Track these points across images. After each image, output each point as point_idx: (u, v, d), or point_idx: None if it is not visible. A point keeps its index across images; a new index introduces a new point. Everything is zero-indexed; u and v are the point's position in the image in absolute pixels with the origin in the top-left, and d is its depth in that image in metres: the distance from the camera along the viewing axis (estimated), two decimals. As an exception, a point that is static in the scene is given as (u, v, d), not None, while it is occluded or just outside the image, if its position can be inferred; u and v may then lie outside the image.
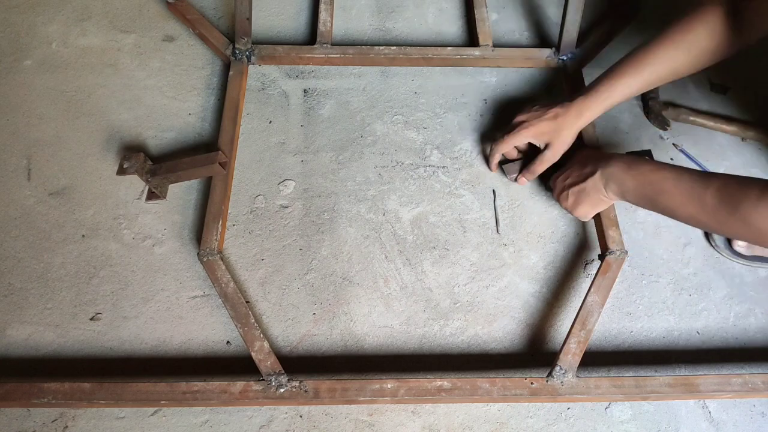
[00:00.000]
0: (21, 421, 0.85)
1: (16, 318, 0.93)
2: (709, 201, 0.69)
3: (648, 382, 0.82)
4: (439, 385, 0.81)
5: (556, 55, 1.15)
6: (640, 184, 0.80)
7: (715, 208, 0.69)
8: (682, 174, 0.75)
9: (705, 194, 0.70)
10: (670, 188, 0.75)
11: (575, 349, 0.83)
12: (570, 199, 0.92)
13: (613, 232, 0.93)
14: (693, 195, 0.72)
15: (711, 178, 0.72)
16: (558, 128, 0.93)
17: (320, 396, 0.81)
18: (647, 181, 0.78)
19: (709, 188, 0.70)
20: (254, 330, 0.85)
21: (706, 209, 0.70)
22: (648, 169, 0.79)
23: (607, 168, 0.85)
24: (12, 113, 1.12)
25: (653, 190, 0.77)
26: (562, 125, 0.92)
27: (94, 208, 1.02)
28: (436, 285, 0.96)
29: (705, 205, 0.70)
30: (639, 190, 0.80)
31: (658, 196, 0.77)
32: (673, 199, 0.74)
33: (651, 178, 0.78)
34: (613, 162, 0.85)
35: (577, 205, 0.92)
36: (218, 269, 0.91)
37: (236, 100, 1.08)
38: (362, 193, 1.04)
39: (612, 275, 0.89)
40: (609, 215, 0.94)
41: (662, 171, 0.77)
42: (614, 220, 0.94)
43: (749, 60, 1.21)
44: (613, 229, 0.93)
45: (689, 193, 0.72)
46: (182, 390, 0.81)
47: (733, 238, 0.71)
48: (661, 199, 0.76)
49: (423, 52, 1.15)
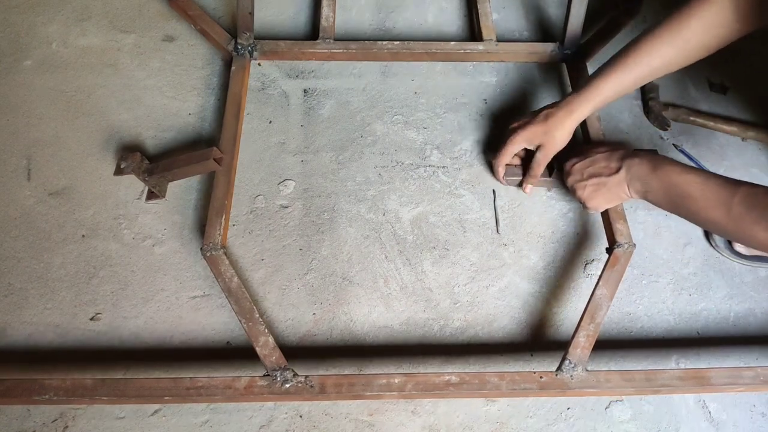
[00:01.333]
0: (21, 420, 0.85)
1: (16, 318, 0.93)
2: (736, 208, 0.69)
3: (658, 376, 0.81)
4: (447, 379, 0.80)
5: (561, 50, 1.15)
6: (665, 186, 0.78)
7: (741, 215, 0.69)
8: (708, 178, 0.74)
9: (732, 200, 0.69)
10: (695, 192, 0.74)
11: (584, 343, 0.83)
12: (587, 190, 0.90)
13: (620, 225, 0.92)
14: (719, 200, 0.71)
15: (739, 184, 0.71)
16: (548, 129, 0.92)
17: (326, 391, 0.80)
18: (673, 183, 0.77)
19: (736, 195, 0.69)
20: (259, 325, 0.84)
21: (732, 215, 0.69)
22: (674, 171, 0.78)
23: (633, 166, 0.84)
24: (12, 113, 1.12)
25: (678, 192, 0.76)
26: (552, 125, 0.92)
27: (94, 208, 1.02)
28: (436, 285, 0.96)
29: (731, 212, 0.69)
30: (664, 191, 0.79)
31: (682, 199, 0.76)
32: (698, 203, 0.74)
33: (677, 180, 0.77)
34: (640, 160, 0.83)
35: (594, 197, 0.90)
36: (222, 264, 0.90)
37: (238, 96, 1.07)
38: (362, 193, 1.04)
39: (620, 268, 0.88)
40: (616, 208, 0.94)
41: (689, 174, 0.76)
42: (621, 213, 0.94)
43: (749, 60, 1.21)
44: (621, 222, 0.93)
45: (716, 198, 0.71)
46: (186, 386, 0.80)
47: (754, 247, 0.70)
48: (686, 203, 0.76)
49: (426, 47, 1.15)
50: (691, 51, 0.83)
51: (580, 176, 0.92)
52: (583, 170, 0.91)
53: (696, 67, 1.19)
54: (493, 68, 1.19)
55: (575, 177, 0.93)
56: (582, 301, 0.93)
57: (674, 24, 0.82)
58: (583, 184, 0.91)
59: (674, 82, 1.18)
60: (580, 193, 0.92)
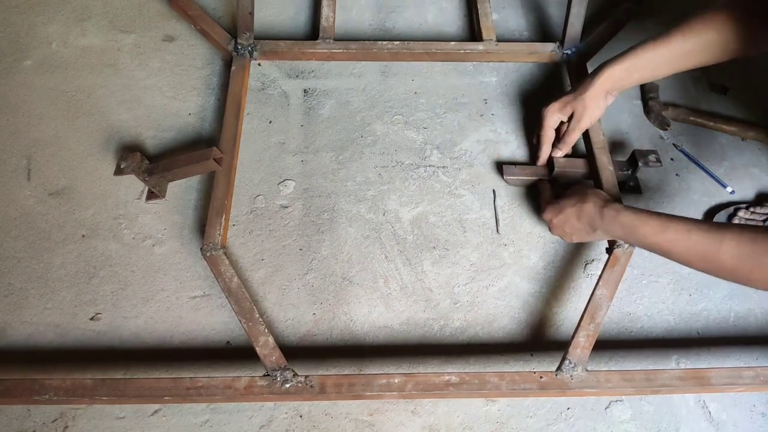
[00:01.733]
0: (21, 420, 0.85)
1: (16, 318, 0.93)
2: (725, 261, 0.69)
3: (658, 376, 0.81)
4: (447, 379, 0.80)
5: (560, 49, 1.15)
6: (647, 247, 0.78)
7: (732, 268, 0.68)
8: (689, 232, 0.72)
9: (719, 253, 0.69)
10: (679, 250, 0.73)
11: (584, 343, 0.83)
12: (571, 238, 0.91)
13: None
14: (705, 256, 0.71)
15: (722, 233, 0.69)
16: (578, 93, 0.93)
17: (326, 391, 0.80)
18: (653, 244, 0.77)
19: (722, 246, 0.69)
20: (259, 325, 0.84)
21: (722, 267, 0.69)
22: (651, 233, 0.76)
23: (607, 229, 0.83)
24: (12, 113, 1.12)
25: (662, 251, 0.76)
26: (582, 89, 0.93)
27: (94, 208, 1.02)
28: (436, 285, 0.96)
29: (721, 264, 0.69)
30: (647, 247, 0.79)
31: (667, 255, 0.76)
32: (682, 258, 0.74)
33: (655, 241, 0.76)
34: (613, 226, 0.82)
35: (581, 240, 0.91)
36: (222, 264, 0.90)
37: (239, 96, 1.08)
38: (362, 193, 1.04)
39: (620, 268, 0.88)
40: None
41: (666, 233, 0.74)
42: None
43: (749, 60, 1.21)
44: None
45: (702, 254, 0.71)
46: (186, 386, 0.80)
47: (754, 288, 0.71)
48: (672, 258, 0.76)
49: (426, 47, 1.15)
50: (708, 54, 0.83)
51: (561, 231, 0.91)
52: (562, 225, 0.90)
53: (696, 68, 1.20)
54: (493, 68, 1.19)
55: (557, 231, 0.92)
56: (582, 301, 0.93)
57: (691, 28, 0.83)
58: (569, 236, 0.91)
59: (674, 82, 1.18)
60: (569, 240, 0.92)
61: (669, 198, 1.04)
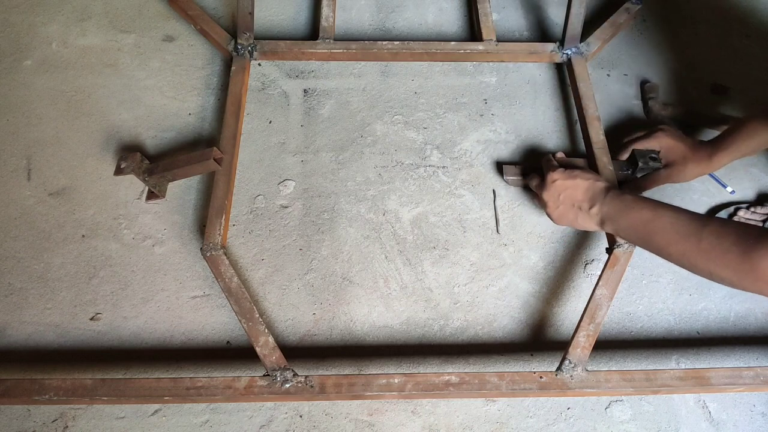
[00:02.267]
0: (21, 421, 0.85)
1: (16, 318, 0.93)
2: (706, 239, 0.71)
3: (658, 376, 0.81)
4: (447, 379, 0.81)
5: (561, 50, 1.15)
6: (635, 224, 0.80)
7: (711, 246, 0.70)
8: (679, 212, 0.76)
9: (702, 232, 0.71)
10: (666, 225, 0.76)
11: (584, 343, 0.83)
12: (559, 209, 0.91)
13: None
14: (689, 232, 0.73)
15: (710, 219, 0.73)
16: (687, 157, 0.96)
17: (326, 391, 0.80)
18: (644, 219, 0.79)
19: (707, 226, 0.71)
20: (259, 325, 0.84)
21: (702, 246, 0.71)
22: (647, 208, 0.79)
23: (605, 205, 0.85)
24: (12, 113, 1.12)
25: (649, 229, 0.78)
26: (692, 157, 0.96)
27: (94, 208, 1.02)
28: (436, 285, 0.96)
29: (701, 243, 0.71)
30: (633, 229, 0.81)
31: (653, 234, 0.77)
32: (668, 235, 0.75)
33: (648, 216, 0.78)
34: (612, 200, 0.85)
35: (562, 218, 0.92)
36: (222, 264, 0.90)
37: (239, 96, 1.07)
38: (362, 193, 1.04)
39: (620, 268, 0.88)
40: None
41: (660, 209, 0.78)
42: None
43: (749, 60, 1.21)
44: None
45: (686, 230, 0.73)
46: (186, 386, 0.80)
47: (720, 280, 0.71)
48: (656, 238, 0.77)
49: (426, 47, 1.15)
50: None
51: (556, 195, 0.91)
52: (561, 190, 0.91)
53: (696, 68, 1.20)
54: (493, 68, 1.19)
55: (551, 193, 0.92)
56: (582, 301, 0.93)
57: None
58: (557, 204, 0.91)
59: (674, 83, 1.18)
60: (551, 210, 0.93)
61: (669, 198, 1.04)
